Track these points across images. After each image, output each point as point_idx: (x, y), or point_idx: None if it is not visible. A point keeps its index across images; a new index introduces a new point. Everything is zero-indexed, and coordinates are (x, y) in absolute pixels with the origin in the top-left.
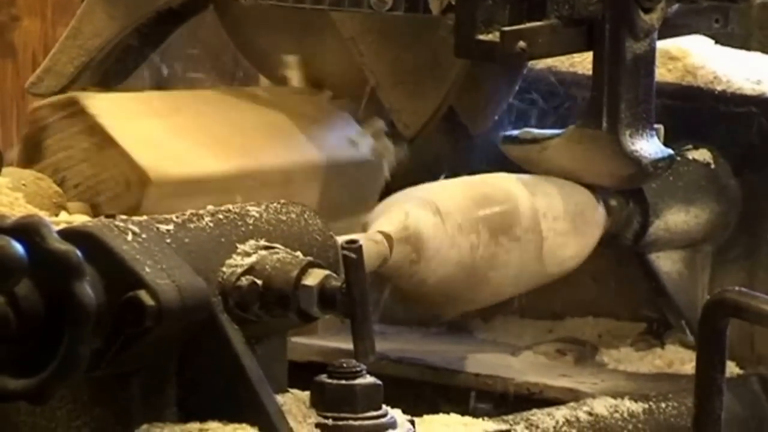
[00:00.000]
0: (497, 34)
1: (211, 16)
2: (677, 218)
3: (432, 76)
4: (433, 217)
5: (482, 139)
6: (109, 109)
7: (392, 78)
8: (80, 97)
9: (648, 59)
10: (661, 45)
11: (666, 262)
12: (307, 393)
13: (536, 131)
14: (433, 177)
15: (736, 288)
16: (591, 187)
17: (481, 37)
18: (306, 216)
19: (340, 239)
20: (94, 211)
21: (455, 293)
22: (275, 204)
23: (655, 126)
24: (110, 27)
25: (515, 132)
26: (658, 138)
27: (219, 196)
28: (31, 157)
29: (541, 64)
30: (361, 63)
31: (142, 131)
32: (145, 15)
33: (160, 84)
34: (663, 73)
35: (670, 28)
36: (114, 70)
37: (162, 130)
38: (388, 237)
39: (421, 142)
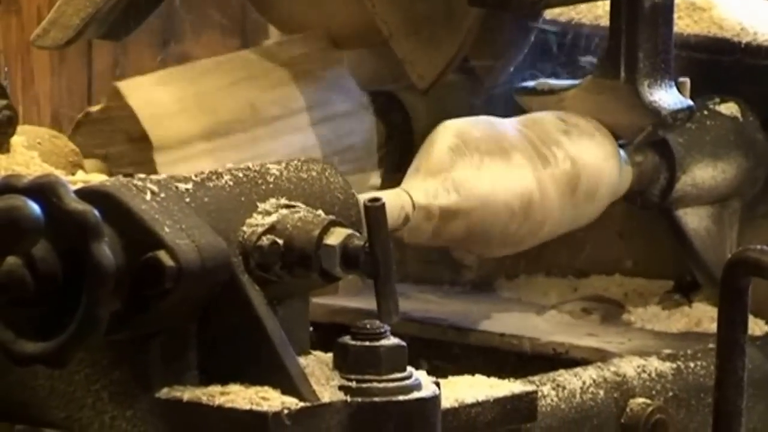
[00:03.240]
0: None
1: None
2: (705, 173)
3: (446, 26)
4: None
5: (501, 93)
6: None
7: (405, 28)
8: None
9: (667, 7)
10: None
11: (693, 219)
12: (329, 355)
13: (553, 82)
14: None
15: (758, 246)
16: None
17: None
18: (327, 174)
19: (363, 197)
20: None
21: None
22: (296, 161)
23: (681, 79)
24: None
25: (531, 83)
26: (684, 92)
27: None
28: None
29: (564, 17)
30: (374, 13)
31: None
32: None
33: (168, 37)
34: (689, 24)
35: None
36: (121, 22)
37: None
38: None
39: (438, 98)
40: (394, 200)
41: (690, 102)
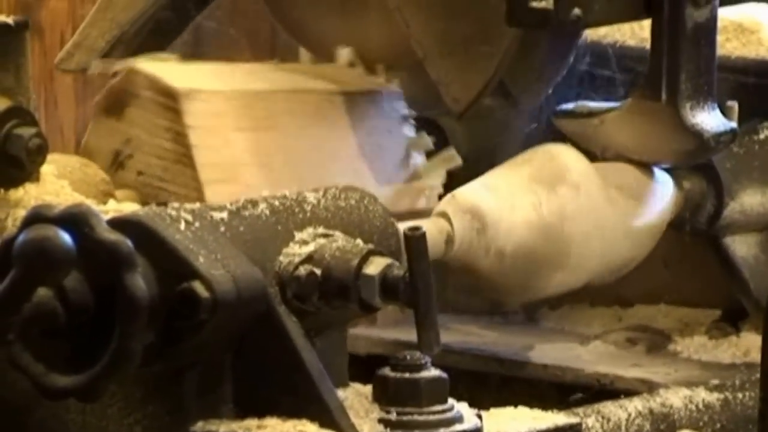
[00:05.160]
0: (551, 0)
1: None
2: (753, 200)
3: (482, 47)
4: (482, 189)
5: (541, 117)
6: (205, 117)
7: (440, 49)
8: (182, 96)
9: (709, 28)
10: (733, 17)
11: (741, 246)
12: (369, 387)
13: (592, 104)
14: (494, 159)
15: None
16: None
17: (534, 4)
18: (366, 202)
19: (402, 226)
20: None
21: (542, 259)
22: (333, 189)
23: (729, 103)
24: None
25: (570, 105)
26: (732, 116)
27: None
28: (109, 109)
29: (609, 38)
30: (408, 34)
31: (226, 155)
32: None
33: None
34: (737, 47)
35: None
36: (147, 45)
37: (247, 155)
38: (445, 216)
39: (477, 123)
40: (432, 227)
41: (733, 124)
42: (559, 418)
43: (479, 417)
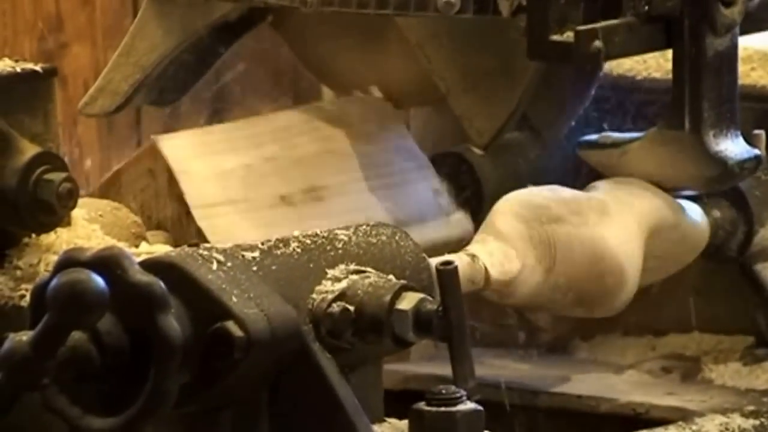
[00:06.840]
0: (571, 34)
1: (270, 33)
2: None
3: (504, 81)
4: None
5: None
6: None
7: (463, 84)
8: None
9: (730, 56)
10: (758, 47)
11: None
12: (405, 422)
13: (616, 135)
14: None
15: None
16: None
17: (555, 37)
18: (397, 237)
19: (434, 261)
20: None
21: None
22: (364, 226)
23: (756, 132)
24: (165, 42)
25: (594, 136)
26: (759, 145)
27: None
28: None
29: (634, 71)
30: (430, 70)
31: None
32: (201, 29)
33: (219, 105)
34: (762, 76)
35: (753, 23)
36: (170, 88)
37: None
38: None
39: (506, 158)
40: (464, 261)
41: (757, 151)
42: None
43: None
